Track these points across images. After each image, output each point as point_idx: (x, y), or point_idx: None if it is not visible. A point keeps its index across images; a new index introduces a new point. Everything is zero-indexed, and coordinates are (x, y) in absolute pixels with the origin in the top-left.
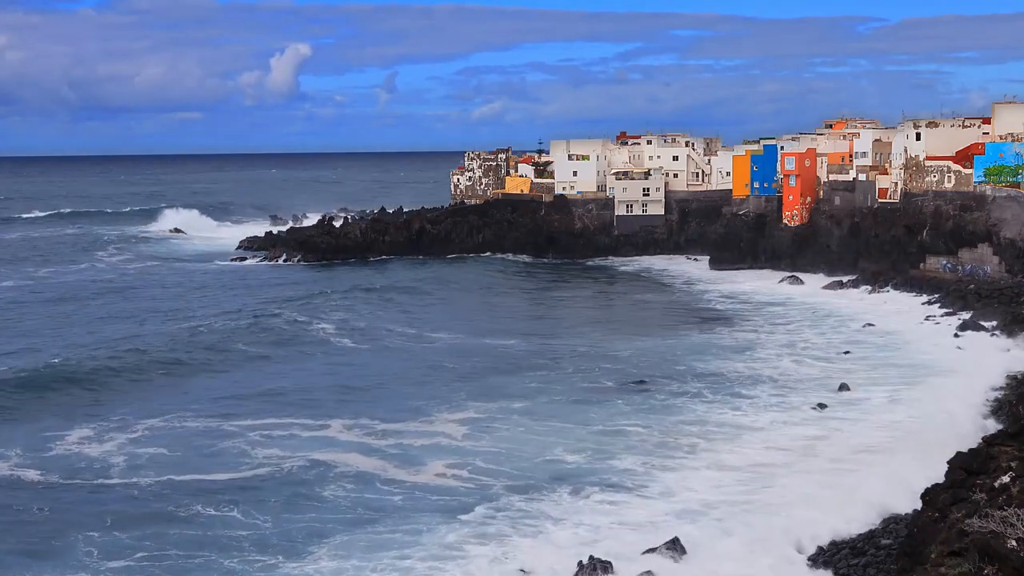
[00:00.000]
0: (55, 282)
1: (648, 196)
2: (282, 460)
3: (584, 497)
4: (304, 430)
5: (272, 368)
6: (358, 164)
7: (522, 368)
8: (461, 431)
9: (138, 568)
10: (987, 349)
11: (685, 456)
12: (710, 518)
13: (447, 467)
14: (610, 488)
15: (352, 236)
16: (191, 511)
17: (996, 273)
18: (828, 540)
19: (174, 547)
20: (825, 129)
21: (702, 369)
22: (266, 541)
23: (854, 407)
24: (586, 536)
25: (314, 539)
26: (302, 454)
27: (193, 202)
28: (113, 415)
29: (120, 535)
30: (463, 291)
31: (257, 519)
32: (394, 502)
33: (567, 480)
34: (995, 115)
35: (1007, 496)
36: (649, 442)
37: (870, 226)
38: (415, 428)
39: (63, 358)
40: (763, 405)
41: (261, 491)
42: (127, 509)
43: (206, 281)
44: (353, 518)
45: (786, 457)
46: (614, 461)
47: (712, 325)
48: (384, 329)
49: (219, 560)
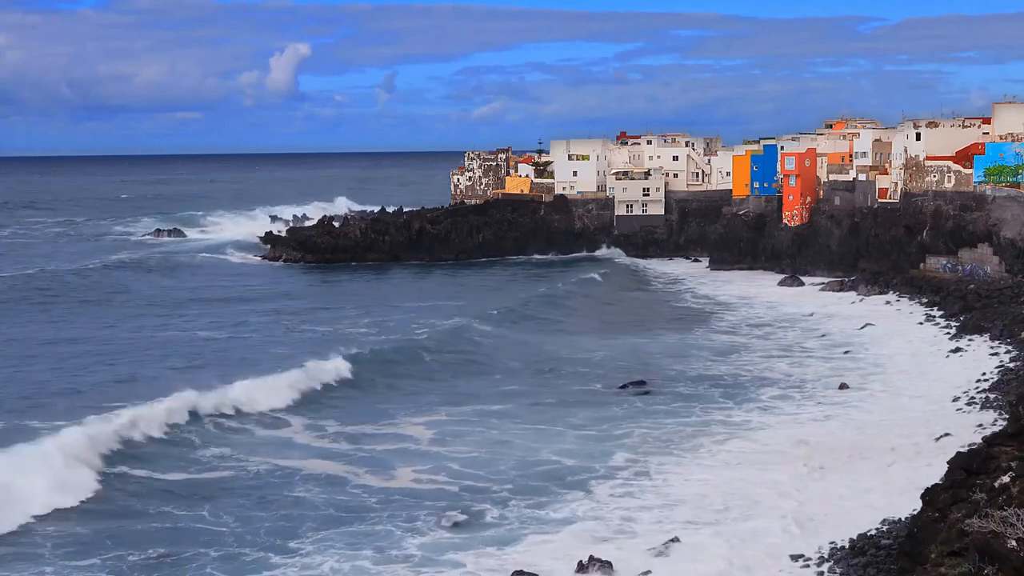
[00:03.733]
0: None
1: (648, 196)
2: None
3: (584, 497)
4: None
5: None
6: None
7: (525, 370)
8: (448, 432)
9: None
10: (986, 349)
11: (685, 456)
12: (710, 518)
13: (439, 469)
14: (609, 488)
15: (352, 236)
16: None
17: (996, 273)
18: (828, 540)
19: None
20: (825, 129)
21: (701, 369)
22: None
23: (854, 406)
24: (586, 536)
25: (307, 535)
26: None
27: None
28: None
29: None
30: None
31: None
32: (391, 502)
33: (566, 480)
34: (995, 115)
35: (1007, 496)
36: (649, 442)
37: (870, 226)
38: (402, 430)
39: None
40: (763, 405)
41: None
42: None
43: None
44: (351, 517)
45: (786, 457)
46: (613, 461)
47: (711, 325)
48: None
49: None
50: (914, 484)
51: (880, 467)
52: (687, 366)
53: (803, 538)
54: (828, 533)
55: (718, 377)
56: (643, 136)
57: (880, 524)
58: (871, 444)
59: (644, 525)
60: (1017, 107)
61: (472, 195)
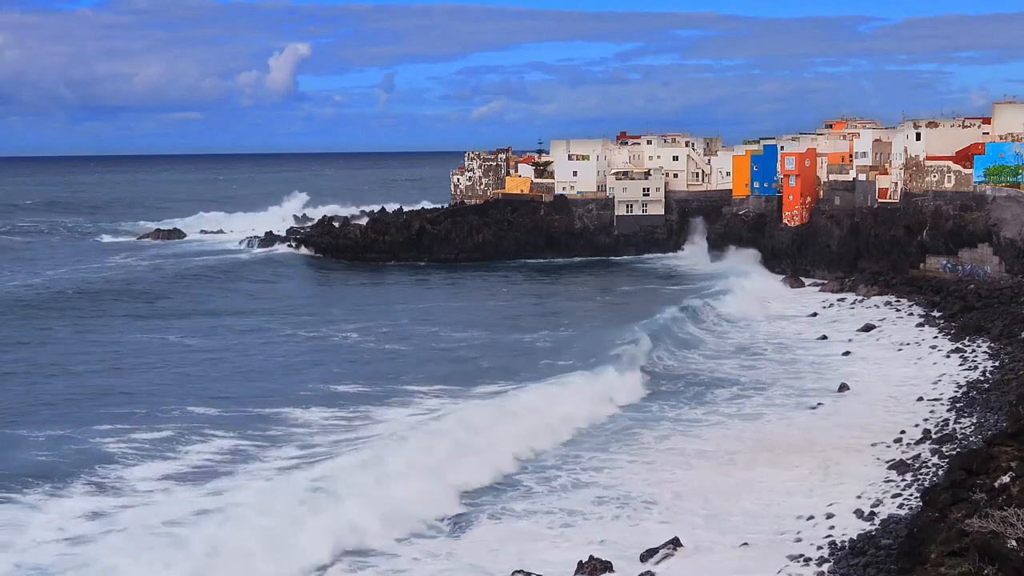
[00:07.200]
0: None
1: (648, 196)
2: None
3: (583, 497)
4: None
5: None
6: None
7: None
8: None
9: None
10: (985, 349)
11: (685, 456)
12: (710, 518)
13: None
14: (610, 488)
15: (352, 236)
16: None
17: (996, 273)
18: (828, 540)
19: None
20: (825, 129)
21: (701, 369)
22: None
23: (854, 407)
24: (586, 536)
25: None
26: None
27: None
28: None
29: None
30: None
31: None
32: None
33: (565, 480)
34: (995, 115)
35: (1007, 496)
36: (648, 442)
37: (870, 226)
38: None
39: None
40: (763, 405)
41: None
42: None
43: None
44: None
45: (787, 457)
46: (611, 461)
47: (710, 325)
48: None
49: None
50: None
51: (881, 466)
52: (686, 367)
53: (804, 538)
54: (829, 533)
55: (716, 376)
56: (643, 136)
57: (880, 524)
58: (871, 444)
59: (644, 525)
60: (1017, 107)
61: (472, 195)
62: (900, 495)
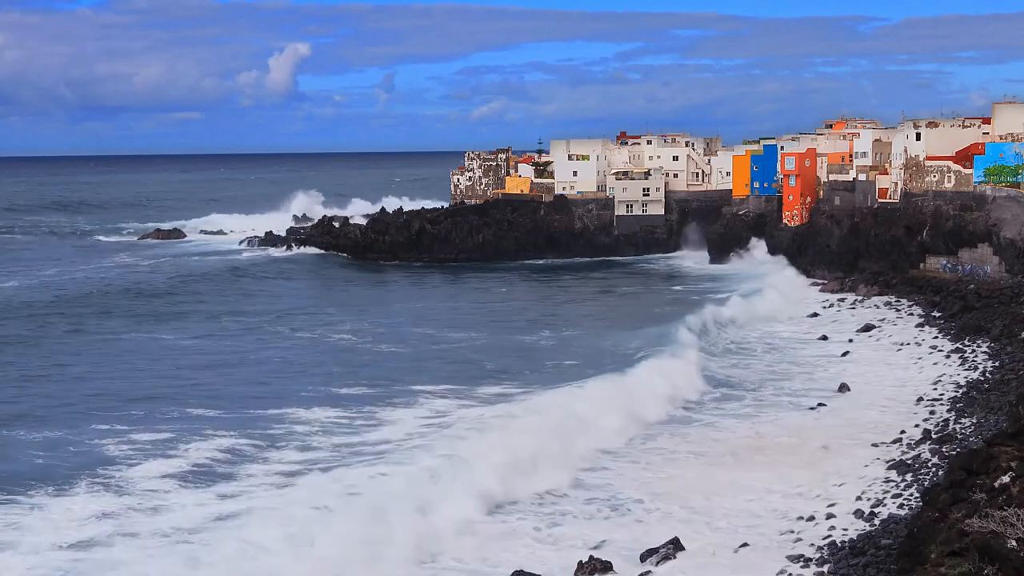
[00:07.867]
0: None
1: (648, 196)
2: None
3: (581, 496)
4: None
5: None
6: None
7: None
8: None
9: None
10: (985, 349)
11: (684, 456)
12: (710, 518)
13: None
14: (609, 487)
15: (352, 236)
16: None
17: (996, 273)
18: (828, 540)
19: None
20: (825, 129)
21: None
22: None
23: (854, 407)
24: (586, 536)
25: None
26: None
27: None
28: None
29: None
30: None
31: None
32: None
33: (564, 479)
34: (995, 115)
35: (1007, 496)
36: (647, 441)
37: (870, 226)
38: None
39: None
40: (762, 405)
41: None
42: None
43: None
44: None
45: (787, 457)
46: (610, 460)
47: (709, 325)
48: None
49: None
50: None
51: (880, 466)
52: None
53: (804, 538)
54: (828, 533)
55: (715, 377)
56: (643, 136)
57: (880, 524)
58: (872, 444)
59: (644, 526)
60: (1017, 107)
61: (472, 195)
62: (900, 495)
